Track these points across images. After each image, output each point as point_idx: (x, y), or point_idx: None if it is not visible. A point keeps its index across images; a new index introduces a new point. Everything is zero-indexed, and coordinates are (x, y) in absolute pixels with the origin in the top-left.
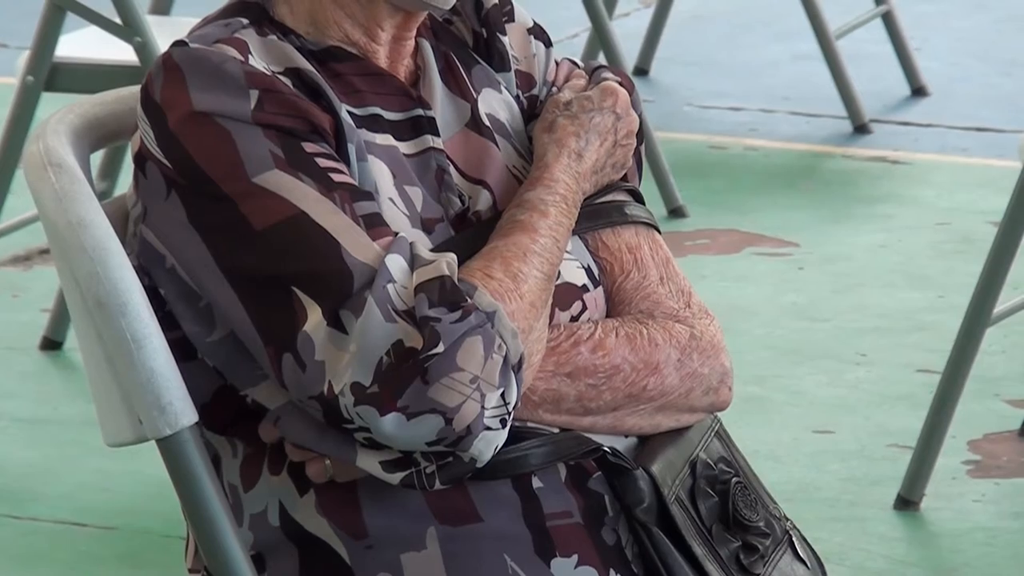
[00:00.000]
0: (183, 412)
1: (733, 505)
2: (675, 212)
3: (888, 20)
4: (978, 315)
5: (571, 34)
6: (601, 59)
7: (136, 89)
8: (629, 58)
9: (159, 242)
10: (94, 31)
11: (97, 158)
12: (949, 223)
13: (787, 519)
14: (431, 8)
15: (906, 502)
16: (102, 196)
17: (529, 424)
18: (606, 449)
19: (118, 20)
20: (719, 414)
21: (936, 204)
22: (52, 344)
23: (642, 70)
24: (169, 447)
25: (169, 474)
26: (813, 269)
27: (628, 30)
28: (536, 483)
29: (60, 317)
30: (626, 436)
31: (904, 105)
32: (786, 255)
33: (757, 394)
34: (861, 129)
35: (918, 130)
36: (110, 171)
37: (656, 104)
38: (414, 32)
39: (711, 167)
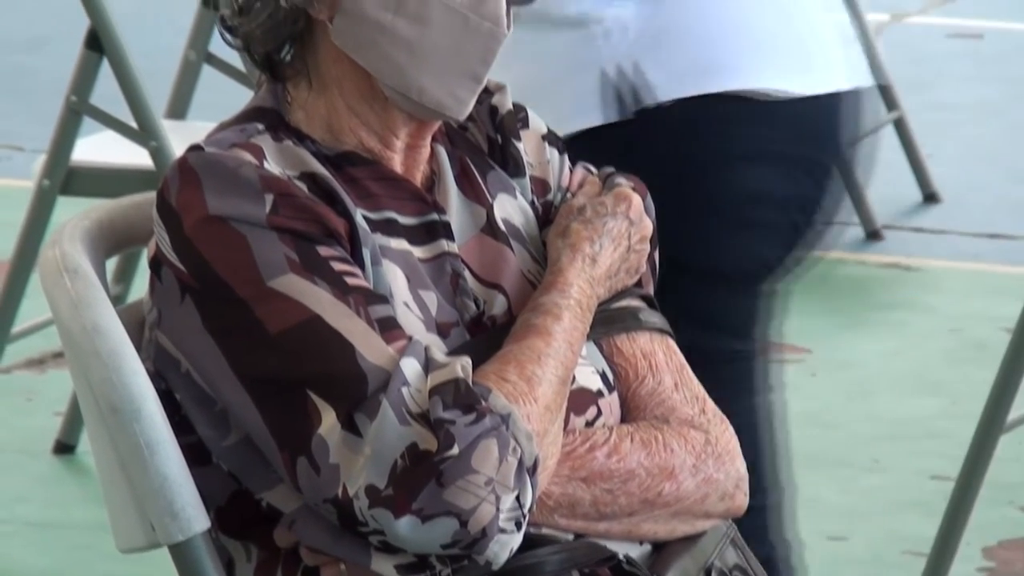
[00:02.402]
0: (195, 518)
1: None
2: None
3: (900, 127)
4: (992, 422)
5: None
6: None
7: (151, 196)
8: None
9: (174, 347)
10: (110, 135)
11: (112, 261)
12: (962, 330)
13: None
14: (446, 117)
15: None
16: (116, 300)
17: (544, 530)
18: (621, 558)
19: (134, 124)
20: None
21: (949, 311)
22: (65, 448)
23: None
24: (181, 553)
25: None
26: (826, 375)
27: None
28: None
29: (73, 421)
30: (641, 542)
31: (916, 211)
32: (799, 361)
33: None
34: (873, 235)
35: (931, 237)
36: (125, 275)
37: None
38: (429, 139)
39: None
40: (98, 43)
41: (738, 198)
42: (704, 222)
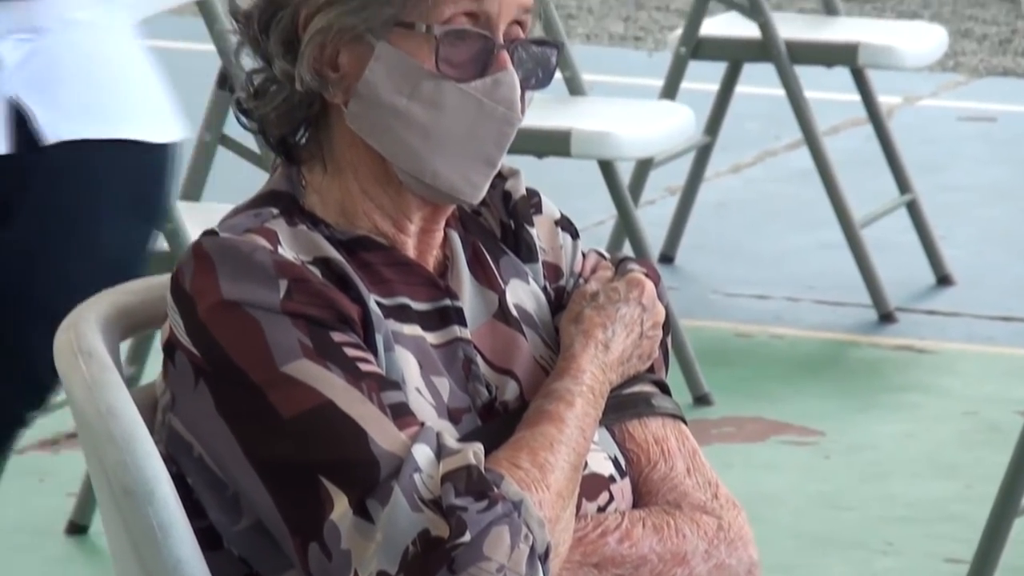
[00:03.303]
0: None
1: None
2: (700, 400)
3: (913, 209)
4: (1007, 505)
5: (597, 221)
6: (627, 246)
7: (165, 279)
8: (655, 245)
9: (187, 431)
10: None
11: (126, 342)
12: (976, 412)
13: None
14: (460, 201)
15: None
16: (130, 381)
17: None
18: None
19: None
20: None
21: (963, 393)
22: (78, 529)
23: (668, 257)
24: None
25: None
26: (839, 458)
27: (654, 218)
28: None
29: (86, 502)
30: None
31: (930, 294)
32: (812, 444)
33: None
34: (887, 318)
35: (944, 319)
36: (138, 356)
37: (682, 291)
38: (443, 224)
39: (737, 355)
40: None
41: (110, 246)
42: (76, 267)
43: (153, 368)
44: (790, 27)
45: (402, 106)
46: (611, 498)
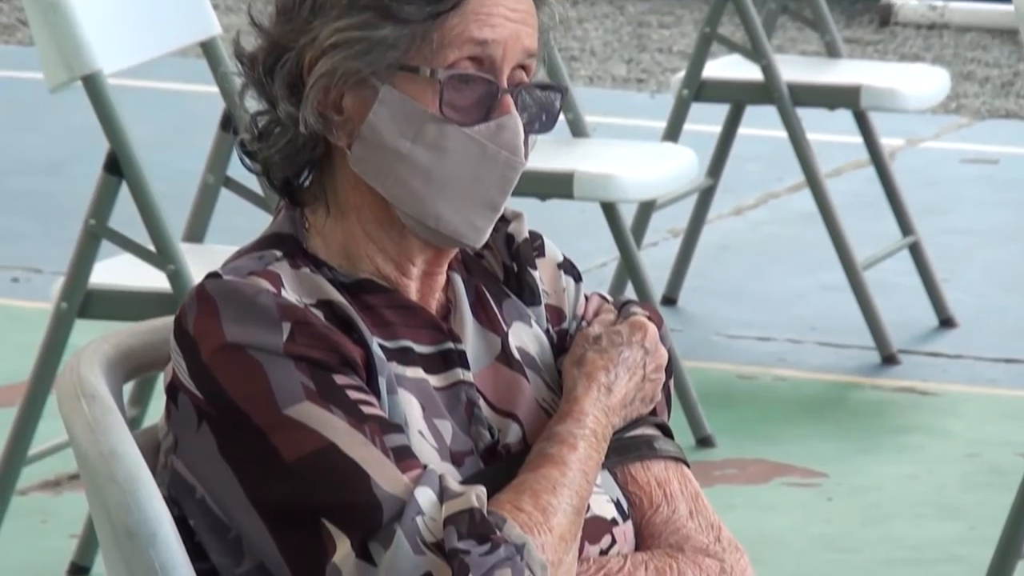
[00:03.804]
0: None
1: None
2: (703, 441)
3: (915, 251)
4: (1010, 547)
5: (600, 263)
6: (629, 288)
7: (169, 321)
8: (657, 287)
9: (189, 473)
10: (128, 258)
11: (128, 384)
12: (979, 454)
13: None
14: (463, 245)
15: None
16: (132, 423)
17: None
18: None
19: (152, 248)
20: None
21: (966, 435)
22: (80, 570)
23: (670, 299)
24: None
25: None
26: (842, 500)
27: (656, 259)
28: None
29: (89, 543)
30: None
31: (932, 336)
32: (815, 486)
33: None
34: (889, 360)
35: (947, 361)
36: (141, 397)
37: (684, 333)
38: (445, 267)
39: (739, 397)
40: (117, 166)
41: None
42: None
43: (156, 410)
44: (792, 69)
45: (405, 149)
46: (613, 541)
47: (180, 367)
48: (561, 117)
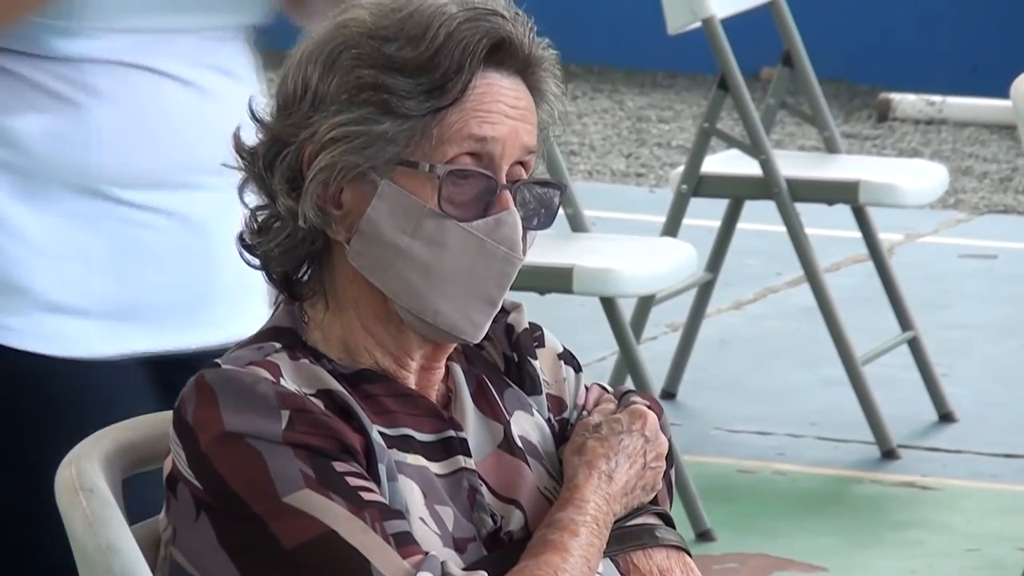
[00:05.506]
0: None
1: None
2: (703, 536)
3: (914, 346)
4: None
5: (599, 357)
6: (628, 382)
7: (168, 414)
8: (657, 381)
9: (189, 564)
10: None
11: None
12: (980, 549)
13: None
14: (461, 340)
15: None
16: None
17: None
18: None
19: None
20: None
21: (966, 530)
22: None
23: (669, 393)
24: None
25: None
26: None
27: (655, 353)
28: None
29: None
30: None
31: (932, 431)
32: None
33: None
34: (889, 455)
35: (947, 456)
36: None
37: (684, 428)
38: (443, 361)
39: (739, 491)
40: None
41: None
42: None
43: None
44: (791, 165)
45: (404, 244)
46: None
47: (179, 457)
48: (560, 211)
